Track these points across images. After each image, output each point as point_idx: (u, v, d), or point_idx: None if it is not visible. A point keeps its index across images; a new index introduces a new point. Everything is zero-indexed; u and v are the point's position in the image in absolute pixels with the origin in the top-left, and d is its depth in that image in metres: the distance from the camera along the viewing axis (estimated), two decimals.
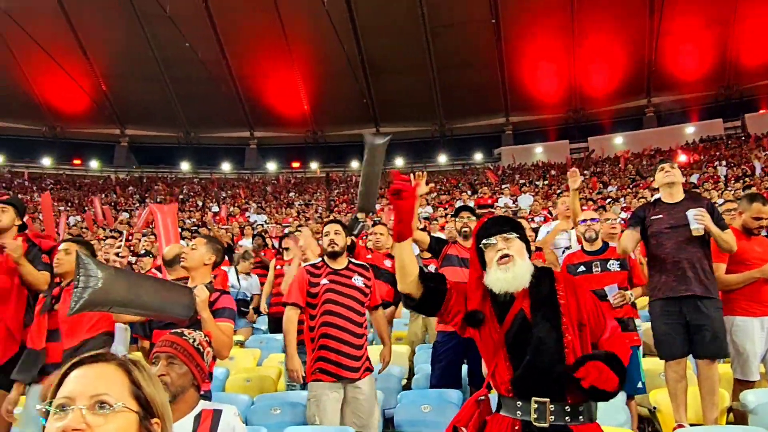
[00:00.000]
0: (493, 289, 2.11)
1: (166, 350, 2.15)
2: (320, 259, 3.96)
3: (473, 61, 27.69)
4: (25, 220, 4.12)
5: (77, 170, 30.80)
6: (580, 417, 1.99)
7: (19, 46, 26.33)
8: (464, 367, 4.47)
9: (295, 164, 31.12)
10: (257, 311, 7.18)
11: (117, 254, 3.90)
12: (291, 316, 3.79)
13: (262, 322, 7.21)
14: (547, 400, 1.98)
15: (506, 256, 2.10)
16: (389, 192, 2.06)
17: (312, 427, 3.85)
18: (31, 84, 28.48)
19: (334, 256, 3.85)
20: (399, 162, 29.80)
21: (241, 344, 6.19)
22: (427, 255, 5.23)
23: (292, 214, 16.11)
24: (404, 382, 4.93)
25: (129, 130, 31.93)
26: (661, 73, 27.70)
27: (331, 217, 9.85)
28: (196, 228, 12.53)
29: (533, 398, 1.99)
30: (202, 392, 2.32)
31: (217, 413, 2.17)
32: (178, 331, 2.25)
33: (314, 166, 30.07)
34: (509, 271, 2.08)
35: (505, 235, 2.16)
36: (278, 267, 7.33)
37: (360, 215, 6.69)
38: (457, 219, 4.71)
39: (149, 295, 3.01)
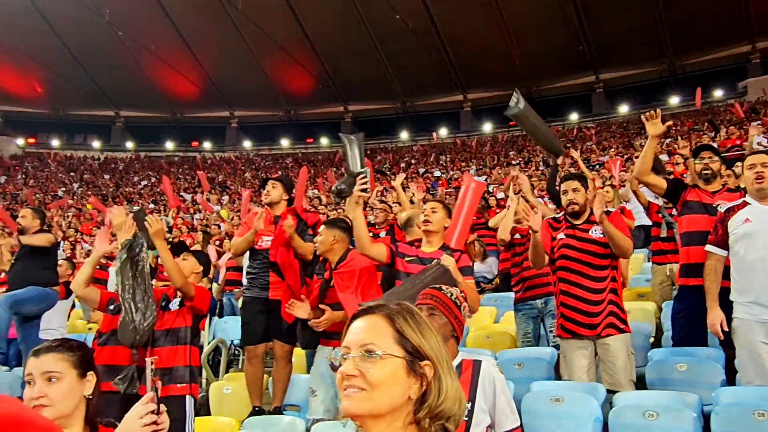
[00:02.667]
0: None
1: (427, 302, 2.31)
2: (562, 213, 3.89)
3: None
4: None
5: (310, 147, 33.79)
6: None
7: (256, 43, 29.44)
8: None
9: (512, 122, 30.47)
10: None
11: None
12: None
13: None
14: None
15: None
16: None
17: (557, 382, 3.85)
18: (268, 75, 31.74)
19: (575, 216, 3.74)
20: (623, 109, 27.67)
21: None
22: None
23: (510, 172, 15.85)
24: (651, 339, 4.72)
25: (351, 106, 34.08)
26: None
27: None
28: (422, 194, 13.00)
29: None
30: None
31: (477, 363, 2.27)
32: (437, 285, 2.40)
33: None
34: None
35: None
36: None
37: (557, 161, 6.57)
38: (696, 160, 4.21)
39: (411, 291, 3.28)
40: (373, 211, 7.16)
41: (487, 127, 30.95)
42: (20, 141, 34.20)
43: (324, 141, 33.69)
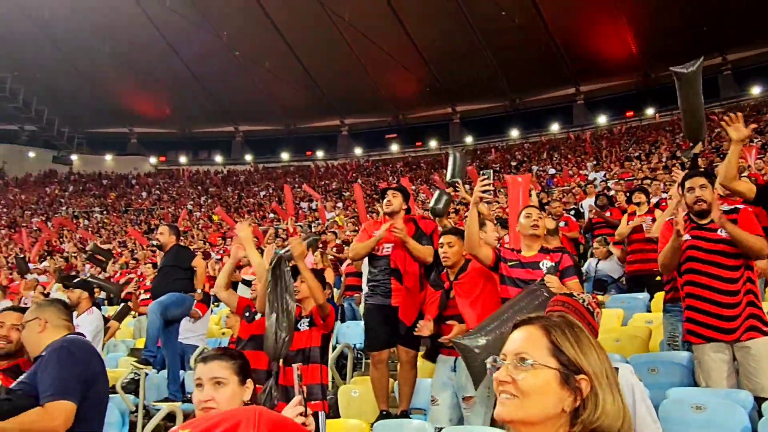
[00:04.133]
0: None
1: (557, 309, 2.28)
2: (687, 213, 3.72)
3: None
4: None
5: (420, 151, 34.02)
6: None
7: (363, 51, 30.10)
8: None
9: (629, 113, 29.08)
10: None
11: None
12: None
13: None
14: None
15: None
16: None
17: (696, 389, 3.65)
18: (376, 82, 32.34)
19: (701, 215, 3.55)
20: (756, 90, 25.49)
21: (602, 304, 6.15)
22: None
23: (633, 167, 15.09)
24: None
25: (459, 107, 33.95)
26: None
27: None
28: (536, 194, 12.72)
29: None
30: None
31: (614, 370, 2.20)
32: (568, 292, 2.36)
33: (650, 112, 27.68)
34: None
35: None
36: (627, 223, 7.02)
37: (695, 149, 6.10)
38: None
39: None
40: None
41: (602, 119, 29.68)
42: (153, 159, 37.25)
43: (432, 144, 33.80)
